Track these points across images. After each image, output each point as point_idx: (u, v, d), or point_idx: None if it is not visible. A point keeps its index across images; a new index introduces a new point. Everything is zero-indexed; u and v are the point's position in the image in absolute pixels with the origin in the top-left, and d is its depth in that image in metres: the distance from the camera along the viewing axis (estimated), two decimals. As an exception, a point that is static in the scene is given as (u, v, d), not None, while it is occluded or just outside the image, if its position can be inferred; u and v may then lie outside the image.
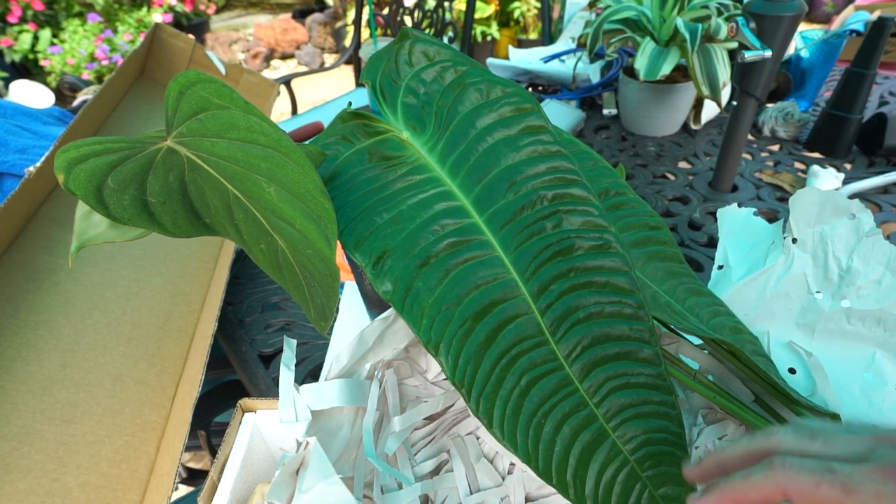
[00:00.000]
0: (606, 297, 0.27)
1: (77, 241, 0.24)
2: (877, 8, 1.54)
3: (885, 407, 0.36)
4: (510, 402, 0.25)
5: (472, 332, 0.26)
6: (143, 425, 0.43)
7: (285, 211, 0.24)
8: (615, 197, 0.35)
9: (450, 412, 0.37)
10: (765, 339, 0.41)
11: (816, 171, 0.67)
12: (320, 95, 2.87)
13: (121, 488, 0.39)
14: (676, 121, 0.84)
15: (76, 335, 0.46)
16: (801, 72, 0.87)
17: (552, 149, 0.29)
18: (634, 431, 0.26)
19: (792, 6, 0.50)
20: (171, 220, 0.23)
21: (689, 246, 0.61)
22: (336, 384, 0.30)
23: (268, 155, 0.24)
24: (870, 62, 0.67)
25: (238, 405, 0.35)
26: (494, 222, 0.28)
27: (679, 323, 0.30)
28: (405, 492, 0.33)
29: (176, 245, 0.58)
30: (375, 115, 0.31)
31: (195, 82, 0.24)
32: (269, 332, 0.53)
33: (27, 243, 0.49)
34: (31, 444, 0.39)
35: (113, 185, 0.22)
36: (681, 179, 0.74)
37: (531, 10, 2.81)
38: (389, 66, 0.32)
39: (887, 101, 0.91)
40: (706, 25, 0.67)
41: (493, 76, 0.31)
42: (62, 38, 2.70)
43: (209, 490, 0.31)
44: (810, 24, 3.20)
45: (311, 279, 0.25)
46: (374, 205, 0.28)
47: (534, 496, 0.35)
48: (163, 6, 3.07)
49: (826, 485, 0.18)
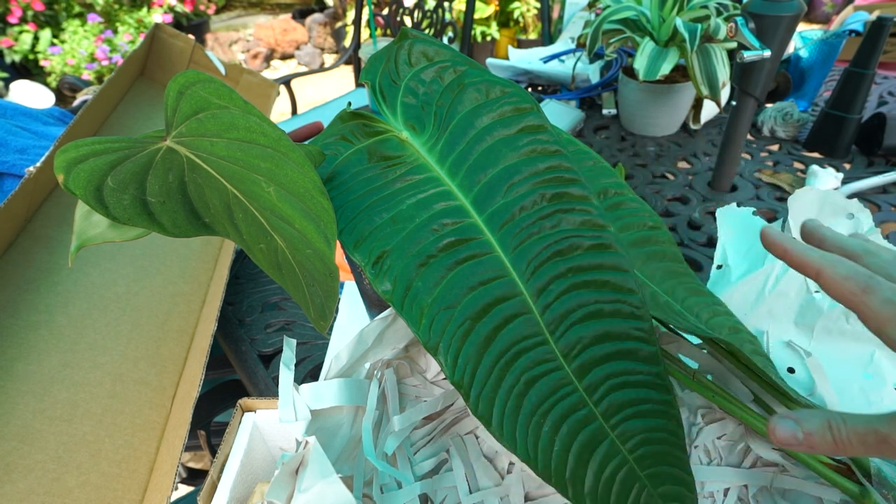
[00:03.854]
0: (605, 296, 0.27)
1: (77, 240, 0.24)
2: (876, 8, 1.54)
3: (884, 406, 0.36)
4: (509, 402, 0.26)
5: (471, 331, 0.26)
6: (143, 425, 0.43)
7: (285, 210, 0.24)
8: (614, 197, 0.35)
9: (449, 411, 0.37)
10: (764, 339, 0.41)
11: (815, 170, 0.67)
12: (320, 95, 2.87)
13: (121, 488, 0.39)
14: (676, 121, 0.84)
15: (76, 335, 0.46)
16: (800, 72, 0.88)
17: (551, 148, 0.29)
18: (633, 430, 0.26)
19: (791, 6, 0.50)
20: (170, 220, 0.23)
21: (688, 246, 0.61)
22: (335, 384, 0.30)
23: (267, 155, 0.24)
24: (869, 62, 0.67)
25: (238, 405, 0.35)
26: (494, 222, 0.28)
27: (678, 322, 0.30)
28: (404, 491, 0.33)
29: (176, 245, 0.58)
30: (375, 115, 0.31)
31: (195, 82, 0.24)
32: (268, 331, 0.53)
33: (27, 243, 0.50)
34: (31, 444, 0.39)
35: (112, 184, 0.22)
36: (680, 179, 0.74)
37: (531, 11, 2.81)
38: (389, 67, 0.32)
39: (886, 100, 0.91)
40: (705, 25, 0.67)
41: (492, 76, 0.31)
42: (62, 38, 2.70)
43: (209, 489, 0.31)
44: (809, 24, 3.20)
45: (311, 279, 0.25)
46: (374, 204, 0.28)
47: (533, 495, 0.35)
48: (163, 6, 3.07)
49: (853, 281, 0.21)
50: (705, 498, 0.34)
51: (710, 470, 0.34)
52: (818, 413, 0.21)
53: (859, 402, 0.37)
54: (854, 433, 0.20)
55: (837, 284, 0.21)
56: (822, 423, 0.21)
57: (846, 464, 0.29)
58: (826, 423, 0.21)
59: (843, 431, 0.20)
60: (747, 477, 0.34)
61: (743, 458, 0.35)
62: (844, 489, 0.28)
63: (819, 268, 0.22)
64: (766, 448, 0.33)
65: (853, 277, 0.21)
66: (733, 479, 0.34)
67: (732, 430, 0.35)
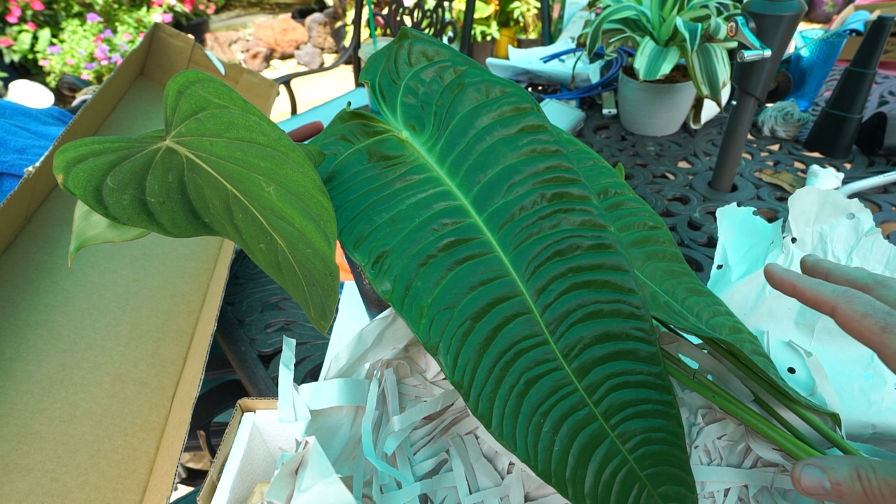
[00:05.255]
0: (606, 296, 0.27)
1: (76, 240, 0.24)
2: (877, 7, 1.54)
3: (885, 406, 0.36)
4: (509, 402, 0.25)
5: (471, 331, 0.26)
6: (143, 425, 0.43)
7: (284, 210, 0.24)
8: (614, 196, 0.35)
9: (449, 412, 0.37)
10: (764, 339, 0.41)
11: (816, 170, 0.67)
12: (320, 95, 2.87)
13: (120, 488, 0.39)
14: (676, 120, 0.84)
15: (75, 335, 0.45)
16: (800, 71, 0.87)
17: (551, 148, 0.29)
18: (633, 430, 0.26)
19: (791, 6, 0.50)
20: (170, 220, 0.23)
21: (688, 245, 0.61)
22: (335, 384, 0.30)
23: (267, 154, 0.24)
24: (869, 62, 0.67)
25: (237, 405, 0.35)
26: (493, 222, 0.28)
27: (678, 322, 0.30)
28: (404, 491, 0.33)
29: (175, 245, 0.58)
30: (375, 115, 0.31)
31: (194, 82, 0.24)
32: (268, 331, 0.53)
33: (26, 243, 0.49)
34: (30, 444, 0.39)
35: (112, 184, 0.22)
36: (680, 179, 0.74)
37: (531, 10, 2.81)
38: (389, 66, 0.32)
39: (887, 100, 0.91)
40: (706, 25, 0.67)
41: (492, 76, 0.31)
42: (61, 38, 2.70)
43: (208, 490, 0.31)
44: (810, 24, 3.20)
45: (311, 278, 0.25)
46: (374, 204, 0.28)
47: (533, 496, 0.35)
48: (162, 6, 3.07)
49: (871, 318, 0.20)
50: (705, 498, 0.34)
51: (710, 470, 0.34)
52: (845, 461, 0.20)
53: (859, 402, 0.37)
54: (885, 484, 0.19)
55: (855, 322, 0.20)
56: (850, 471, 0.20)
57: (847, 464, 0.29)
58: (854, 471, 0.20)
59: (873, 482, 0.19)
60: (747, 477, 0.34)
61: (743, 459, 0.35)
62: (845, 489, 0.28)
63: (834, 304, 0.21)
64: (767, 448, 0.33)
65: (871, 315, 0.20)
66: (733, 479, 0.34)
67: (733, 430, 0.35)
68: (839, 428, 0.31)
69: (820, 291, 0.22)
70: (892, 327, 0.19)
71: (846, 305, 0.21)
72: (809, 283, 0.23)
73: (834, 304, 0.21)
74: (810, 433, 0.31)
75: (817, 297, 0.22)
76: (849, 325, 0.21)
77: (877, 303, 0.21)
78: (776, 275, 0.24)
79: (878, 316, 0.20)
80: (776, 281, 0.24)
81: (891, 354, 0.19)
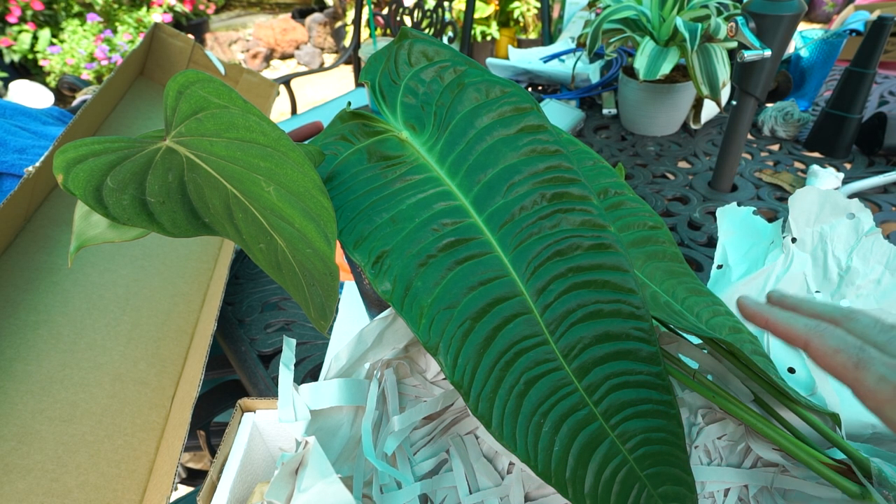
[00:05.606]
0: (605, 296, 0.27)
1: (76, 241, 0.24)
2: (877, 7, 1.54)
3: (885, 406, 0.36)
4: (509, 402, 0.25)
5: (471, 331, 0.26)
6: (143, 425, 0.43)
7: (284, 210, 0.24)
8: (614, 196, 0.35)
9: (449, 412, 0.37)
10: (764, 339, 0.41)
11: (816, 170, 0.67)
12: (320, 95, 2.87)
13: (120, 488, 0.39)
14: (676, 120, 0.84)
15: (75, 335, 0.45)
16: (800, 71, 0.87)
17: (551, 148, 0.29)
18: (633, 430, 0.26)
19: (791, 6, 0.50)
20: (170, 220, 0.23)
21: (688, 245, 0.61)
22: (335, 384, 0.30)
23: (267, 154, 0.24)
24: (869, 62, 0.67)
25: (237, 405, 0.35)
26: (493, 222, 0.28)
27: (678, 322, 0.30)
28: (404, 491, 0.33)
29: (175, 245, 0.58)
30: (375, 115, 0.31)
31: (194, 82, 0.24)
32: (268, 331, 0.53)
33: (26, 243, 0.49)
34: (30, 444, 0.39)
35: (112, 184, 0.22)
36: (680, 179, 0.74)
37: (531, 10, 2.81)
38: (389, 66, 0.32)
39: (887, 100, 0.91)
40: (706, 25, 0.67)
41: (492, 76, 0.31)
42: (61, 38, 2.70)
43: (208, 490, 0.31)
44: (810, 24, 3.20)
45: (311, 278, 0.25)
46: (374, 204, 0.28)
47: (533, 495, 0.35)
48: (162, 6, 3.07)
49: (844, 354, 0.20)
50: (705, 498, 0.34)
51: (710, 470, 0.34)
52: None
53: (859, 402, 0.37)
54: None
55: (828, 357, 0.21)
56: None
57: (846, 464, 0.29)
58: None
59: None
60: (747, 477, 0.34)
61: (743, 459, 0.35)
62: (844, 489, 0.28)
63: (806, 338, 0.22)
64: (767, 448, 0.33)
65: (843, 350, 0.20)
66: (733, 479, 0.34)
67: (733, 430, 0.35)
68: (839, 428, 0.31)
69: (792, 326, 0.22)
70: (864, 363, 0.20)
71: (819, 340, 0.21)
72: (781, 316, 0.23)
73: (806, 339, 0.22)
74: (810, 433, 0.31)
75: (789, 331, 0.22)
76: (822, 359, 0.21)
77: (849, 337, 0.21)
78: (748, 308, 0.24)
79: (850, 352, 0.20)
80: (748, 314, 0.24)
81: (864, 391, 0.20)
